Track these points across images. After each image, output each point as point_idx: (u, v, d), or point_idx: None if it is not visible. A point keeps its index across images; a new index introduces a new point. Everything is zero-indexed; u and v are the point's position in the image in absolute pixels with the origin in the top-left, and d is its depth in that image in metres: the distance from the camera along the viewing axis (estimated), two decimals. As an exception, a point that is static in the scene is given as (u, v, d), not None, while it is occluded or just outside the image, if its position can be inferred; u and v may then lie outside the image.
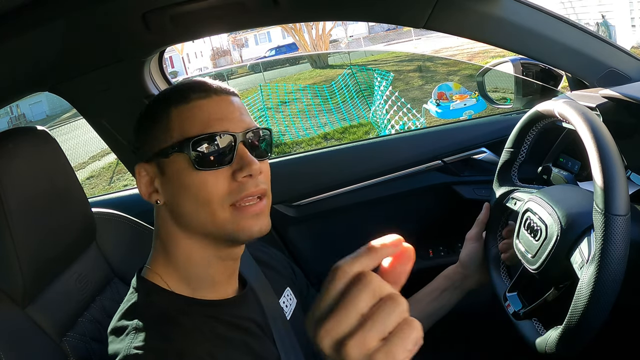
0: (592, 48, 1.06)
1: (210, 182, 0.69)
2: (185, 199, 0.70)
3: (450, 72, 10.56)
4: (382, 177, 1.43)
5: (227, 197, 0.69)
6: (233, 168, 0.70)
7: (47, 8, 0.82)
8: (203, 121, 0.70)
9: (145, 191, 0.74)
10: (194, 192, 0.69)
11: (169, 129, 0.71)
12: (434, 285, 1.09)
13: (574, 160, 1.14)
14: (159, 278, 0.74)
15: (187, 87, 0.73)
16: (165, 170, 0.72)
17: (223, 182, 0.69)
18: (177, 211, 0.72)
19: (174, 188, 0.72)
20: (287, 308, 0.90)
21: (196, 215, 0.71)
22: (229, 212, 0.70)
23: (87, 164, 8.98)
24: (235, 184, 0.70)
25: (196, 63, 31.23)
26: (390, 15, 1.09)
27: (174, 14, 0.94)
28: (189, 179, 0.70)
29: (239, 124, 0.72)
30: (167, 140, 0.71)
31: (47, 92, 1.14)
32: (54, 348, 0.81)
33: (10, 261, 0.76)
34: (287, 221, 1.45)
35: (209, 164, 0.69)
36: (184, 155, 0.69)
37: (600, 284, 0.68)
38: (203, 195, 0.69)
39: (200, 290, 0.74)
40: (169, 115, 0.71)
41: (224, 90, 0.74)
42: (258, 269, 0.90)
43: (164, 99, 0.74)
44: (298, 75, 15.25)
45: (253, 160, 0.70)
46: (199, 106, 0.71)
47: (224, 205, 0.69)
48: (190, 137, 0.69)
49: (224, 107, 0.72)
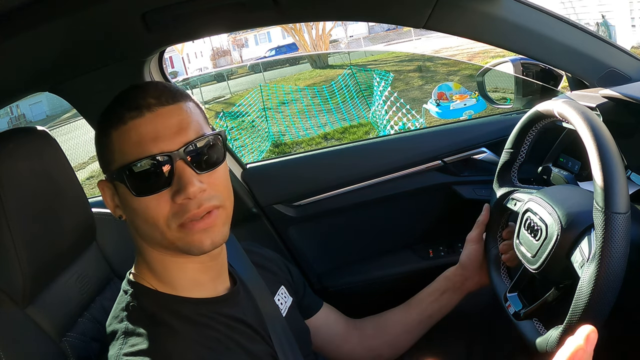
0: (592, 48, 1.06)
1: (152, 207, 0.68)
2: (136, 219, 0.71)
3: (450, 72, 10.56)
4: (382, 177, 1.43)
5: (172, 219, 0.68)
6: (173, 189, 0.68)
7: (47, 8, 0.81)
8: (137, 144, 0.67)
9: (110, 205, 0.75)
10: (141, 215, 0.69)
11: (112, 151, 0.70)
12: (434, 287, 1.09)
13: (574, 160, 1.14)
14: (145, 281, 0.74)
15: (121, 105, 0.69)
16: (117, 191, 0.72)
17: (165, 205, 0.68)
18: (134, 227, 0.73)
19: (125, 209, 0.72)
20: (282, 306, 0.90)
21: (150, 234, 0.71)
22: (176, 231, 0.69)
23: (87, 164, 8.97)
24: (176, 205, 0.68)
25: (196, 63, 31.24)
26: (390, 15, 1.09)
27: (174, 14, 0.94)
28: (134, 204, 0.69)
29: (175, 140, 0.67)
30: (112, 165, 0.70)
31: (47, 92, 1.14)
32: (54, 348, 0.81)
33: (10, 261, 0.76)
34: (287, 221, 1.45)
35: (147, 190, 0.67)
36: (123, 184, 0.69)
37: (601, 281, 0.67)
38: (148, 219, 0.69)
39: (186, 290, 0.74)
40: (110, 139, 0.69)
41: (160, 101, 0.69)
42: (252, 266, 0.90)
43: (105, 120, 0.71)
44: (298, 75, 15.26)
45: (190, 181, 0.67)
46: (133, 127, 0.67)
47: (170, 226, 0.69)
48: (125, 164, 0.67)
49: (159, 124, 0.67)
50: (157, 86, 0.71)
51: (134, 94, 0.69)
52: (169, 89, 0.71)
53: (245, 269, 0.88)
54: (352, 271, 1.46)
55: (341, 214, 1.47)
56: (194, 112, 0.71)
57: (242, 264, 0.88)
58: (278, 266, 0.99)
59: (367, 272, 1.45)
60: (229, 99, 13.53)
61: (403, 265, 1.44)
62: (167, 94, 0.70)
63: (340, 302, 1.13)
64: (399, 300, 1.11)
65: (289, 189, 1.45)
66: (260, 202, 1.43)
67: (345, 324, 1.06)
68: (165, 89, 0.70)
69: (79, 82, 1.12)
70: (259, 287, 0.86)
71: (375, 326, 1.07)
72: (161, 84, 0.72)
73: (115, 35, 0.99)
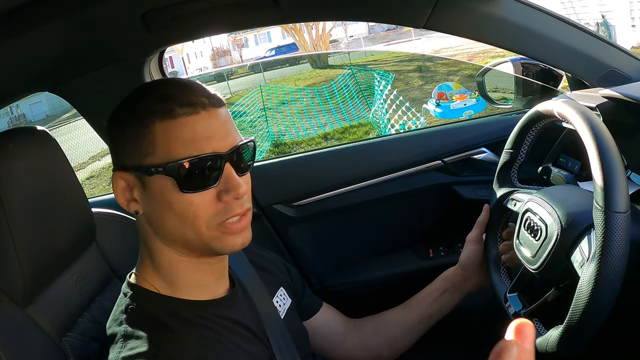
0: (592, 48, 1.06)
1: (195, 203, 0.67)
2: (169, 216, 0.69)
3: (450, 72, 10.56)
4: (382, 177, 1.43)
5: (213, 218, 0.68)
6: (219, 188, 0.68)
7: (47, 8, 0.81)
8: (190, 141, 0.66)
9: (123, 199, 0.71)
10: (179, 212, 0.68)
11: (153, 145, 0.67)
12: (434, 287, 1.09)
13: (574, 160, 1.14)
14: (147, 283, 0.74)
15: (171, 99, 0.67)
16: (147, 184, 0.69)
17: (209, 203, 0.68)
18: (158, 224, 0.71)
19: (156, 203, 0.69)
20: (281, 307, 0.90)
21: (180, 231, 0.70)
22: (215, 230, 0.69)
23: (87, 164, 8.98)
24: (221, 204, 0.68)
25: (196, 63, 31.23)
26: (390, 15, 1.09)
27: (174, 14, 0.94)
28: (174, 199, 0.68)
29: (226, 142, 0.69)
30: (150, 157, 0.67)
31: (47, 92, 1.14)
32: (54, 348, 0.81)
33: (10, 261, 0.76)
34: (287, 221, 1.45)
35: (195, 187, 0.67)
36: (169, 177, 0.67)
37: (601, 281, 0.68)
38: (189, 215, 0.68)
39: (189, 292, 0.74)
40: (152, 130, 0.67)
41: (211, 102, 0.69)
42: (251, 268, 0.90)
43: (145, 111, 0.67)
44: (298, 75, 15.26)
45: (239, 182, 0.69)
46: (186, 124, 0.66)
47: (209, 226, 0.69)
48: (177, 160, 0.66)
49: (212, 124, 0.68)
50: (204, 87, 0.72)
51: (183, 90, 0.68)
52: (213, 93, 0.72)
53: (244, 270, 0.88)
54: (352, 271, 1.47)
55: (341, 214, 1.47)
56: (231, 118, 0.74)
57: (241, 265, 0.88)
58: (277, 267, 0.99)
59: (367, 272, 1.45)
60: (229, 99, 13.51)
61: (403, 265, 1.44)
62: (215, 97, 0.71)
63: (340, 302, 1.13)
64: (398, 300, 1.11)
65: (289, 189, 1.45)
66: (260, 202, 1.43)
67: (345, 324, 1.06)
68: (210, 92, 0.71)
69: (79, 82, 1.12)
70: (258, 289, 0.86)
71: (374, 326, 1.07)
72: (205, 86, 0.73)
73: (115, 35, 0.99)
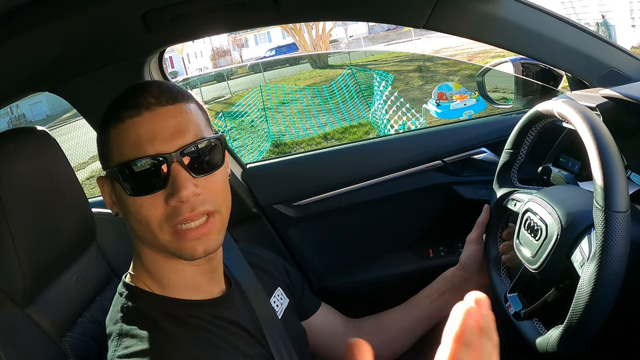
0: (592, 48, 1.06)
1: (145, 207, 0.67)
2: (130, 218, 0.71)
3: (450, 72, 10.56)
4: (382, 177, 1.43)
5: (165, 221, 0.68)
6: (167, 191, 0.67)
7: (47, 8, 0.81)
8: (134, 143, 0.67)
9: (109, 202, 0.75)
10: (134, 215, 0.69)
11: (110, 149, 0.70)
12: (434, 287, 1.09)
13: (574, 160, 1.14)
14: (141, 282, 0.74)
15: (119, 104, 0.69)
16: (114, 189, 0.72)
17: (158, 207, 0.67)
18: (130, 227, 0.73)
19: (121, 207, 0.72)
20: (278, 308, 0.90)
21: (143, 234, 0.71)
22: (169, 234, 0.68)
23: (87, 164, 8.98)
24: (169, 208, 0.67)
25: (196, 63, 31.24)
26: (390, 15, 1.09)
27: (174, 14, 0.94)
28: (127, 203, 0.69)
29: (173, 143, 0.67)
30: (109, 162, 0.70)
31: (47, 92, 1.14)
32: (54, 348, 0.81)
33: (10, 261, 0.76)
34: (287, 221, 1.45)
35: (141, 191, 0.67)
36: (117, 182, 0.69)
37: (602, 280, 0.68)
38: (140, 219, 0.69)
39: (181, 292, 0.74)
40: (109, 136, 0.69)
41: (159, 101, 0.68)
42: (248, 268, 0.89)
43: (105, 117, 0.71)
44: (298, 75, 15.26)
45: (184, 185, 0.66)
46: (131, 126, 0.67)
47: (162, 229, 0.68)
48: (121, 163, 0.67)
49: (157, 125, 0.67)
50: (159, 86, 0.70)
51: (135, 93, 0.69)
52: (171, 89, 0.70)
53: (241, 270, 0.87)
54: (352, 271, 1.46)
55: (341, 214, 1.47)
56: (195, 114, 0.71)
57: (238, 265, 0.88)
58: (275, 267, 0.99)
59: (367, 272, 1.45)
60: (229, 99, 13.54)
61: (403, 265, 1.44)
62: (168, 94, 0.69)
63: (340, 302, 1.13)
64: (398, 301, 1.10)
65: (289, 189, 1.45)
66: (260, 202, 1.43)
67: (344, 324, 1.06)
68: (166, 89, 0.70)
69: (79, 82, 1.12)
70: (255, 289, 0.86)
71: (374, 326, 1.07)
72: (164, 84, 0.71)
73: (115, 35, 0.99)
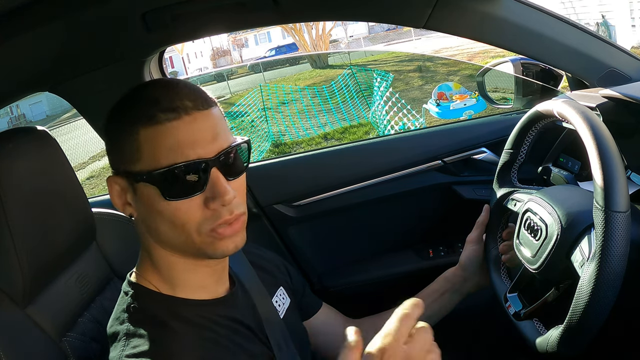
0: (592, 48, 1.06)
1: (182, 210, 0.66)
2: (160, 221, 0.68)
3: (450, 72, 10.56)
4: (382, 177, 1.43)
5: (202, 224, 0.67)
6: (205, 195, 0.66)
7: (47, 8, 0.81)
8: (173, 148, 0.65)
9: (119, 203, 0.71)
10: (167, 218, 0.67)
11: (138, 152, 0.66)
12: (434, 287, 1.08)
13: (574, 160, 1.14)
14: (147, 282, 0.74)
15: (153, 104, 0.65)
16: (137, 191, 0.68)
17: (196, 210, 0.67)
18: (152, 228, 0.71)
19: (146, 209, 0.69)
20: (280, 307, 0.90)
21: (172, 236, 0.69)
22: (205, 236, 0.68)
23: (87, 164, 8.98)
24: (209, 211, 0.67)
25: (196, 63, 31.23)
26: (390, 15, 1.09)
27: (174, 14, 0.94)
28: (161, 206, 0.67)
29: (212, 147, 0.66)
30: (136, 164, 0.67)
31: (47, 92, 1.14)
32: (54, 348, 0.81)
33: (10, 261, 0.76)
34: (287, 221, 1.45)
35: (180, 195, 0.66)
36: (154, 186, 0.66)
37: (602, 280, 0.68)
38: (177, 222, 0.67)
39: (189, 292, 0.74)
40: (137, 138, 0.65)
41: (196, 105, 0.66)
42: (251, 268, 0.89)
43: (131, 116, 0.66)
44: (298, 75, 15.26)
45: (226, 189, 0.66)
46: (168, 129, 0.64)
47: (199, 231, 0.68)
48: (159, 168, 0.65)
49: (196, 129, 0.65)
50: (191, 88, 0.68)
51: (167, 94, 0.66)
52: (201, 92, 0.69)
53: (244, 270, 0.88)
54: (352, 271, 1.46)
55: (341, 214, 1.47)
56: (223, 119, 0.71)
57: (241, 265, 0.88)
58: (277, 267, 0.99)
59: (367, 272, 1.45)
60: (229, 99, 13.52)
61: (403, 265, 1.44)
62: (202, 98, 0.68)
63: (340, 302, 1.13)
64: (398, 301, 1.10)
65: (289, 189, 1.45)
66: (260, 202, 1.43)
67: (345, 324, 1.06)
68: (198, 93, 0.68)
69: (79, 82, 1.12)
70: (257, 289, 0.86)
71: (374, 326, 1.06)
72: (193, 86, 0.70)
73: (115, 35, 1.00)
